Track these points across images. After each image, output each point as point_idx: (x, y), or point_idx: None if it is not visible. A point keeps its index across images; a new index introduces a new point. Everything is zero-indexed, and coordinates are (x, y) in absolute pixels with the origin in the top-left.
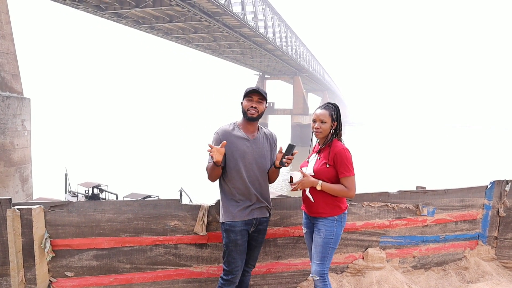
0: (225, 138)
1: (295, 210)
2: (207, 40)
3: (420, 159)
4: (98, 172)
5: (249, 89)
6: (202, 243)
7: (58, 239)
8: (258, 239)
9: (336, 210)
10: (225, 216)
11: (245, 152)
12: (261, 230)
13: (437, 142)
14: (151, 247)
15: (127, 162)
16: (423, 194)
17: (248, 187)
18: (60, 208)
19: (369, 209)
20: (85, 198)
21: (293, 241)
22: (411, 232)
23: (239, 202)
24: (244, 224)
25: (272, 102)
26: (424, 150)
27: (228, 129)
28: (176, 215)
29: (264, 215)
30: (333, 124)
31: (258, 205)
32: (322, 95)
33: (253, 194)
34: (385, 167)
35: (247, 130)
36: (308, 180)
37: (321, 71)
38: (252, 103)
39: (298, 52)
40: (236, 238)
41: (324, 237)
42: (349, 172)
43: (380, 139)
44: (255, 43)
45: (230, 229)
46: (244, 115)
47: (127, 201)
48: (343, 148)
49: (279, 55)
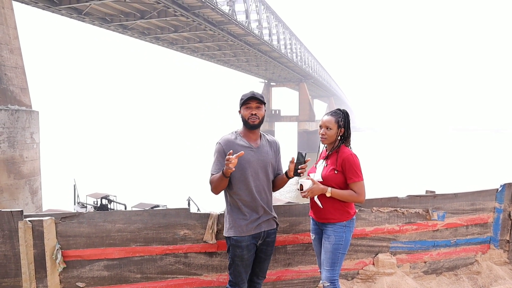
0: (228, 147)
1: (304, 217)
2: (212, 49)
3: (428, 163)
4: (106, 183)
5: (245, 96)
6: (212, 251)
7: (69, 250)
8: (267, 252)
9: (345, 215)
10: (231, 230)
11: (250, 161)
12: (270, 242)
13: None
14: (161, 256)
15: (134, 172)
16: (433, 199)
17: (255, 198)
18: (70, 219)
19: (379, 215)
20: (94, 209)
21: (302, 248)
22: (422, 237)
23: (246, 215)
24: (252, 238)
25: (278, 109)
26: (432, 154)
27: (231, 138)
28: (185, 224)
29: (271, 227)
30: (339, 130)
31: (265, 218)
32: (328, 101)
33: (260, 206)
34: (394, 172)
35: (250, 138)
36: (318, 187)
37: (326, 77)
38: (251, 110)
39: (303, 59)
40: (242, 253)
41: (333, 243)
42: (358, 177)
43: (388, 144)
44: (260, 51)
45: (237, 245)
46: (245, 124)
47: (136, 211)
48: (350, 153)
49: (284, 62)
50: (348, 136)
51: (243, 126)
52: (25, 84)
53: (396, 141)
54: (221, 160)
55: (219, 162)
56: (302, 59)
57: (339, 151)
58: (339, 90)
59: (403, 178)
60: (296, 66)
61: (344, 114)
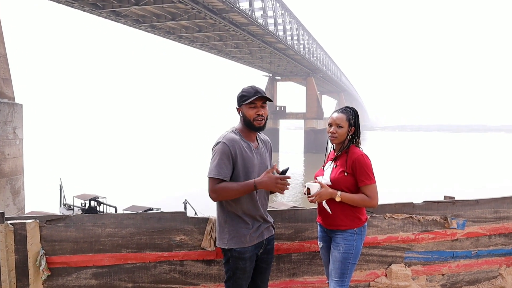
0: (235, 148)
1: (310, 222)
2: (212, 39)
3: (446, 165)
4: (95, 183)
5: (248, 93)
6: (210, 259)
7: (54, 256)
8: (268, 260)
9: (356, 222)
10: (232, 241)
11: (254, 164)
12: (270, 249)
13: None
14: (155, 264)
15: (126, 172)
16: (452, 205)
17: (257, 205)
18: (56, 222)
19: (392, 222)
20: (81, 212)
21: (309, 257)
22: (439, 247)
23: (249, 224)
24: (255, 248)
25: (283, 106)
26: (450, 155)
27: (236, 137)
28: (182, 229)
29: (271, 233)
30: (350, 129)
31: (266, 225)
32: (338, 98)
33: (261, 213)
34: (409, 175)
35: (250, 138)
36: (326, 191)
37: (336, 72)
38: (257, 110)
39: (311, 51)
40: (245, 265)
41: (343, 251)
42: (370, 179)
43: (402, 144)
44: (264, 42)
45: (240, 257)
46: (249, 126)
47: (128, 214)
48: (361, 154)
49: (291, 54)
50: (358, 136)
51: (242, 125)
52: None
53: (411, 141)
54: (226, 163)
55: (224, 165)
56: (310, 51)
57: (348, 151)
58: (350, 86)
59: (419, 181)
60: (303, 58)
61: (354, 112)
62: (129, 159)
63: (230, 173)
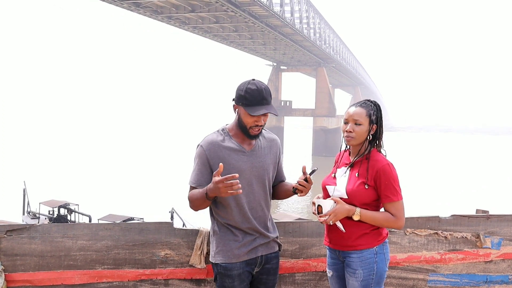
0: (213, 152)
1: (318, 237)
2: (207, 21)
3: (480, 174)
4: (65, 188)
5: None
6: (200, 278)
7: (15, 273)
8: (269, 283)
9: (375, 238)
10: (218, 255)
11: (242, 169)
12: (271, 270)
13: (502, 152)
14: (135, 283)
15: (104, 175)
16: (486, 220)
17: (249, 218)
18: (19, 233)
19: (414, 238)
20: (49, 221)
21: (315, 277)
22: (470, 270)
23: (238, 237)
24: (245, 265)
25: (289, 101)
26: (485, 162)
27: (216, 140)
28: (167, 242)
29: (271, 250)
30: (371, 127)
31: (263, 240)
32: (353, 92)
33: (255, 225)
34: (435, 184)
35: (243, 140)
36: (343, 209)
37: (352, 62)
38: (256, 119)
39: (323, 37)
40: (233, 285)
41: (361, 279)
42: (397, 195)
43: (426, 147)
44: (268, 25)
45: (226, 273)
46: (243, 131)
47: (105, 225)
48: (387, 163)
49: (299, 40)
50: (380, 137)
51: (235, 125)
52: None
53: (437, 144)
54: (202, 169)
55: (200, 171)
56: (322, 37)
57: (370, 157)
58: (368, 79)
59: (447, 192)
60: (313, 45)
61: (376, 106)
62: (109, 159)
63: (206, 180)
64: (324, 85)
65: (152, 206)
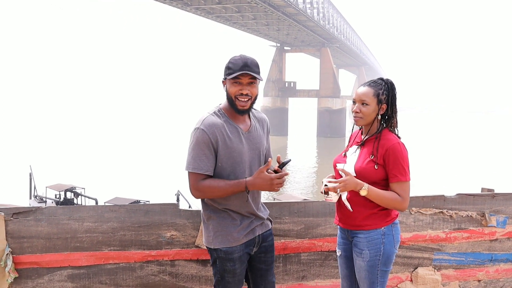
0: (216, 135)
1: (323, 217)
2: (209, 2)
3: (484, 152)
4: (71, 172)
5: (233, 65)
6: (206, 259)
7: (22, 255)
8: (268, 260)
9: (383, 218)
10: (217, 240)
11: (242, 152)
12: (268, 247)
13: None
14: (142, 264)
15: (108, 158)
16: (491, 199)
17: (248, 202)
18: (25, 215)
19: (419, 218)
20: (55, 204)
21: (321, 257)
22: (475, 248)
23: (237, 220)
24: (245, 247)
25: (293, 82)
26: (489, 141)
27: (217, 122)
28: (173, 223)
29: (266, 228)
30: (380, 107)
31: (258, 221)
32: (357, 72)
33: (251, 209)
34: (439, 162)
35: (237, 119)
36: (352, 180)
37: (356, 41)
38: (241, 87)
39: (327, 17)
40: (234, 267)
41: (368, 259)
42: (405, 175)
43: (432, 127)
44: (271, 6)
45: (227, 257)
46: (231, 105)
47: (110, 207)
48: (398, 142)
49: (302, 20)
50: (392, 117)
51: (227, 103)
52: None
53: (443, 124)
54: (208, 154)
55: (206, 157)
56: (326, 17)
57: (380, 137)
58: (372, 59)
59: (451, 171)
60: (317, 25)
61: (388, 85)
62: (115, 143)
63: (212, 165)
64: (328, 66)
65: (158, 189)
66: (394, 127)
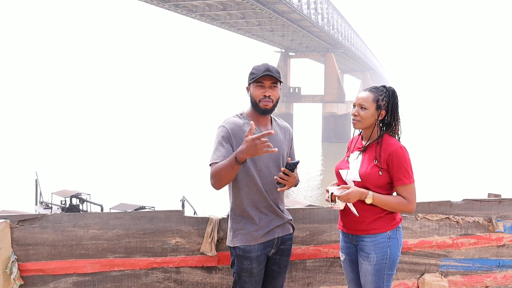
0: (235, 132)
1: (328, 223)
2: (214, 9)
3: (491, 157)
4: (77, 178)
5: (257, 71)
6: (211, 266)
7: (28, 262)
8: (282, 263)
9: (389, 222)
10: (236, 239)
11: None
12: (285, 250)
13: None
14: (146, 271)
15: (113, 164)
16: (498, 204)
17: (265, 196)
18: (31, 222)
19: (425, 223)
20: (61, 211)
21: (326, 264)
22: (482, 254)
23: (255, 219)
24: (263, 248)
25: (297, 87)
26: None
27: (239, 122)
28: (178, 230)
29: (287, 232)
30: (379, 113)
31: (278, 222)
32: (362, 77)
33: (269, 203)
34: (444, 168)
35: (259, 123)
36: (356, 191)
37: (361, 47)
38: (264, 90)
39: (331, 22)
40: (251, 266)
41: (375, 263)
42: (409, 178)
43: (437, 132)
44: (275, 12)
45: (244, 255)
46: (255, 107)
47: (116, 214)
48: (399, 146)
49: (307, 26)
50: (393, 123)
51: (251, 108)
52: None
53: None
54: (227, 147)
55: (225, 149)
56: (330, 22)
57: (382, 142)
58: (377, 64)
59: (457, 176)
60: (321, 31)
61: (389, 92)
62: (121, 149)
63: (228, 155)
64: (332, 71)
65: (163, 195)
66: (396, 133)
